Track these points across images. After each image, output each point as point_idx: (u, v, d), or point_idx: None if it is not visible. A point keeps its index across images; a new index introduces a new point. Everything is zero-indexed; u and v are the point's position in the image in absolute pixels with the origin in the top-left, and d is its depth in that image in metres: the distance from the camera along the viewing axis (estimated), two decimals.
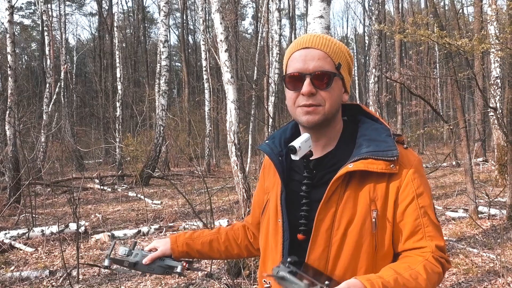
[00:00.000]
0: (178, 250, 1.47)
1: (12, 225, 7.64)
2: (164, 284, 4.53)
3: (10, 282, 4.71)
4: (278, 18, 14.07)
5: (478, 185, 9.77)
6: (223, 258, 1.61)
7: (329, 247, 1.14)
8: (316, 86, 1.15)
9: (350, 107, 1.32)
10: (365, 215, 1.13)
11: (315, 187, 1.19)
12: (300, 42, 1.20)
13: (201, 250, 1.49)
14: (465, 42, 5.54)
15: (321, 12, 4.23)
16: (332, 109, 1.18)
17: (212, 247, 1.50)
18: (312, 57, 1.16)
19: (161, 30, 14.00)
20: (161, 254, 1.44)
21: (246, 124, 18.15)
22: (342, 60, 1.20)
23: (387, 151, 1.15)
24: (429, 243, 1.13)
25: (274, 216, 1.25)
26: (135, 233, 6.71)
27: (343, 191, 1.15)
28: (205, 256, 1.53)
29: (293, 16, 28.23)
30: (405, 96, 27.29)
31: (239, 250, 1.52)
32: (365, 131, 1.23)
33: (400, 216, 1.15)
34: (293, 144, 1.12)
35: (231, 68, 8.01)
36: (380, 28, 5.74)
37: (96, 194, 11.38)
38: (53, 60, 17.60)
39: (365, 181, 1.15)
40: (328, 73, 1.16)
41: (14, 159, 9.65)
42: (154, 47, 37.15)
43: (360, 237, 1.13)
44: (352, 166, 1.13)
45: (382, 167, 1.13)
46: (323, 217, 1.14)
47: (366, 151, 1.15)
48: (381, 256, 1.15)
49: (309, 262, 1.14)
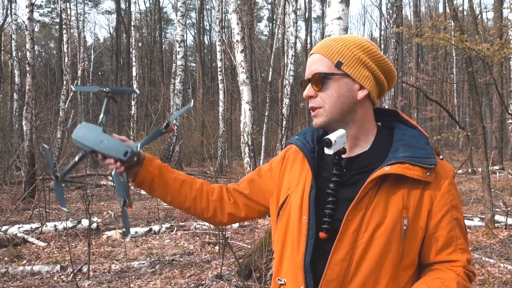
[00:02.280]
0: (146, 171, 1.32)
1: (26, 219, 7.73)
2: (174, 284, 4.52)
3: (21, 276, 4.75)
4: (294, 20, 14.02)
5: (495, 193, 9.56)
6: (184, 207, 1.39)
7: (353, 250, 1.10)
8: (315, 89, 1.19)
9: (388, 113, 1.30)
10: (396, 221, 1.10)
11: (343, 186, 1.17)
12: (312, 49, 1.26)
13: (170, 184, 1.36)
14: (486, 47, 5.42)
15: (340, 13, 4.18)
16: (333, 109, 1.17)
17: (182, 188, 1.38)
18: (312, 61, 1.22)
19: (178, 30, 14.06)
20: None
21: (259, 126, 18.12)
22: (344, 57, 1.17)
23: (426, 158, 1.13)
24: (461, 256, 1.13)
25: (298, 213, 1.20)
26: (146, 231, 6.72)
27: (374, 194, 1.12)
28: (169, 194, 1.36)
29: (309, 18, 28.14)
30: (421, 101, 26.99)
31: (206, 206, 1.40)
32: (402, 136, 1.20)
33: (434, 227, 1.13)
34: (329, 137, 1.10)
35: (246, 69, 8.00)
36: (399, 31, 5.65)
37: (109, 191, 11.46)
38: (71, 58, 17.83)
39: (398, 187, 1.12)
40: (319, 75, 1.17)
41: (30, 154, 9.77)
42: (170, 47, 37.43)
43: (387, 243, 1.09)
44: (388, 169, 1.10)
45: (419, 174, 1.11)
46: (351, 218, 1.11)
47: (403, 156, 1.12)
48: (404, 265, 1.12)
49: (330, 263, 1.10)
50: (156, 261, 5.27)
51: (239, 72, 7.90)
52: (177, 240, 6.41)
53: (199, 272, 4.88)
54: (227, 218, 1.42)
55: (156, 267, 5.05)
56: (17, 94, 14.99)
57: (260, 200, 1.40)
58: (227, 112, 19.36)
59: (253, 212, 1.43)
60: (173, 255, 5.62)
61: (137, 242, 6.28)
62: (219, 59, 18.19)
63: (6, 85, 21.96)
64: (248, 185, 1.42)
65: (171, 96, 16.32)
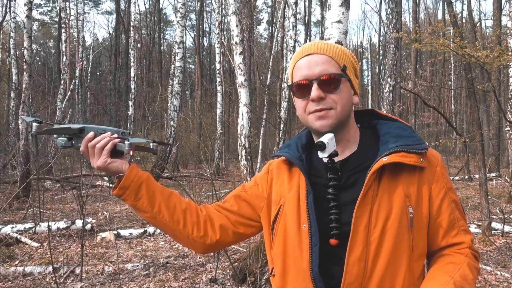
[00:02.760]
0: (134, 174, 1.20)
1: (20, 219, 7.66)
2: (168, 287, 4.46)
3: (13, 277, 4.68)
4: (293, 23, 14.01)
5: (492, 200, 9.54)
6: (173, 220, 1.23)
7: (367, 247, 1.08)
8: (325, 90, 1.14)
9: (363, 113, 1.31)
10: (402, 210, 1.10)
11: (342, 190, 1.15)
12: (303, 50, 1.20)
13: (159, 191, 1.24)
14: (485, 53, 5.41)
15: (340, 17, 4.15)
16: (344, 111, 1.16)
17: (171, 198, 1.26)
18: (316, 62, 1.16)
19: (177, 31, 14.03)
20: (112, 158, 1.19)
21: (257, 129, 18.10)
22: (346, 62, 1.19)
23: (417, 145, 1.14)
24: (465, 237, 1.15)
25: (296, 222, 1.16)
26: (141, 233, 6.66)
27: (377, 187, 1.12)
28: (157, 203, 1.23)
29: (308, 23, 28.18)
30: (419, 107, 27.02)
31: (197, 220, 1.27)
32: (387, 129, 1.21)
33: (437, 212, 1.15)
34: (322, 140, 1.09)
35: (245, 71, 7.96)
36: (399, 36, 5.63)
37: (104, 191, 11.39)
38: (69, 57, 17.77)
39: (396, 176, 1.13)
40: (334, 75, 1.15)
41: (25, 154, 9.70)
42: (169, 48, 37.43)
43: (398, 235, 1.09)
44: (387, 159, 1.11)
45: (415, 160, 1.12)
46: (360, 214, 1.09)
47: (396, 145, 1.13)
48: (416, 256, 1.12)
49: (348, 265, 1.08)
50: (150, 263, 5.21)
51: (238, 74, 7.87)
52: (172, 242, 6.35)
53: (193, 275, 4.82)
54: (219, 234, 1.28)
55: (150, 270, 4.99)
56: (14, 92, 14.91)
57: (250, 216, 1.31)
58: (225, 115, 19.32)
59: (247, 228, 1.32)
60: (167, 257, 5.56)
61: (131, 244, 6.22)
62: (217, 61, 18.18)
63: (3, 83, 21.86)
64: (235, 201, 1.33)
65: (169, 97, 16.27)
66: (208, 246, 1.29)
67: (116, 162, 1.20)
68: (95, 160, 1.18)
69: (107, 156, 1.18)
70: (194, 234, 1.26)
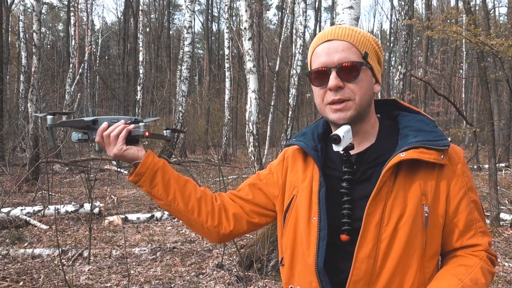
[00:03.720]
0: (150, 161, 1.20)
1: (29, 201, 7.74)
2: (175, 272, 4.50)
3: (22, 259, 4.74)
4: (304, 9, 13.84)
5: (500, 191, 9.46)
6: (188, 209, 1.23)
7: (377, 244, 1.05)
8: (343, 79, 1.08)
9: (384, 103, 1.25)
10: (416, 209, 1.05)
11: (357, 184, 1.11)
12: (322, 35, 1.14)
13: (174, 179, 1.23)
14: (499, 42, 5.29)
15: (351, 2, 4.07)
16: (363, 102, 1.10)
17: (186, 186, 1.25)
18: (335, 49, 1.10)
19: (186, 16, 13.93)
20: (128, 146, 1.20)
21: (265, 115, 18.04)
22: (368, 49, 1.13)
23: (438, 141, 1.08)
24: (482, 240, 1.10)
25: (306, 214, 1.14)
26: (148, 217, 6.71)
27: (392, 183, 1.07)
28: (173, 191, 1.22)
29: (319, 8, 27.83)
30: (429, 95, 26.76)
31: (211, 209, 1.27)
32: (408, 122, 1.15)
33: (454, 212, 1.10)
34: (337, 133, 1.04)
35: (253, 57, 7.90)
36: (411, 22, 5.52)
37: (112, 175, 11.47)
38: (78, 41, 17.75)
39: (414, 173, 1.08)
40: (355, 63, 1.09)
41: (34, 137, 9.77)
42: (178, 33, 37.20)
43: (411, 234, 1.04)
44: (404, 155, 1.05)
45: (434, 157, 1.06)
46: (372, 211, 1.05)
47: (416, 140, 1.08)
48: (429, 256, 1.08)
49: (356, 261, 1.05)
50: (157, 248, 5.25)
51: (246, 60, 7.81)
52: (179, 227, 6.39)
53: (200, 260, 4.85)
54: (233, 223, 1.27)
55: (157, 254, 5.03)
56: (24, 76, 14.95)
57: (265, 205, 1.30)
58: (233, 101, 19.27)
59: (261, 218, 1.31)
60: (174, 242, 5.60)
61: (139, 228, 6.27)
62: (226, 47, 18.05)
63: (13, 66, 21.94)
64: (250, 190, 1.31)
65: (177, 82, 16.22)
66: (222, 235, 1.28)
67: (132, 149, 1.20)
68: (111, 148, 1.19)
69: (123, 143, 1.18)
70: (209, 223, 1.26)
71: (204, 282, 4.21)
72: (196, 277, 4.34)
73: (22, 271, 4.36)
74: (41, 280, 4.14)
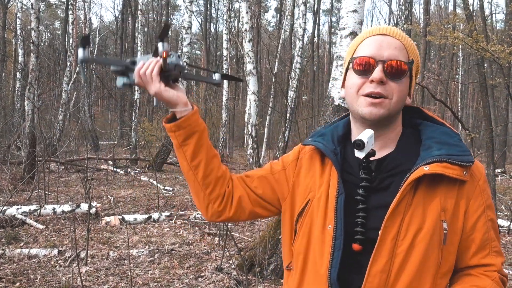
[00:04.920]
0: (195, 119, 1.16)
1: (24, 200, 7.67)
2: (173, 274, 4.46)
3: (18, 259, 4.68)
4: (303, 11, 13.84)
5: (497, 197, 9.49)
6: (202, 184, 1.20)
7: (392, 259, 1.01)
8: (388, 76, 1.05)
9: (407, 110, 1.19)
10: (435, 225, 1.01)
11: (373, 192, 1.07)
12: (376, 29, 1.12)
13: (206, 148, 1.19)
14: (500, 48, 5.31)
15: (356, 6, 4.07)
16: (398, 104, 1.07)
17: (211, 162, 1.20)
18: (388, 44, 1.07)
19: (185, 16, 13.87)
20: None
21: (262, 118, 18.03)
22: (415, 57, 1.12)
23: (463, 156, 1.04)
24: (495, 260, 1.06)
25: (322, 222, 1.10)
26: (146, 218, 6.66)
27: (412, 197, 1.03)
28: (197, 160, 1.18)
29: (317, 11, 27.87)
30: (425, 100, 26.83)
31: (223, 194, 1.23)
32: (432, 133, 1.11)
33: (470, 230, 1.06)
34: (361, 138, 1.00)
35: (253, 59, 7.88)
36: (412, 28, 5.52)
37: (109, 175, 11.40)
38: (76, 39, 17.65)
39: (435, 188, 1.04)
40: (403, 64, 1.06)
41: (31, 135, 9.69)
42: (176, 33, 37.12)
43: (427, 250, 1.01)
44: (428, 169, 1.01)
45: (458, 173, 1.02)
46: (389, 225, 1.01)
47: (440, 154, 1.04)
48: (442, 273, 1.04)
49: (369, 275, 1.01)
50: (155, 249, 5.20)
51: (246, 62, 7.79)
52: (176, 229, 6.35)
53: (198, 263, 4.81)
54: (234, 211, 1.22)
55: (155, 256, 4.98)
56: (20, 73, 14.85)
57: (271, 200, 1.24)
58: (230, 102, 19.23)
59: (264, 211, 1.26)
60: (172, 244, 5.56)
61: (136, 230, 6.22)
62: (225, 48, 18.03)
63: (10, 63, 21.79)
64: (260, 183, 1.24)
65: None
66: (218, 218, 1.24)
67: (171, 92, 1.14)
68: (150, 87, 1.13)
69: (158, 80, 1.12)
70: (215, 205, 1.22)
71: (203, 285, 4.17)
72: (195, 280, 4.30)
73: (19, 271, 4.31)
74: (38, 281, 4.09)
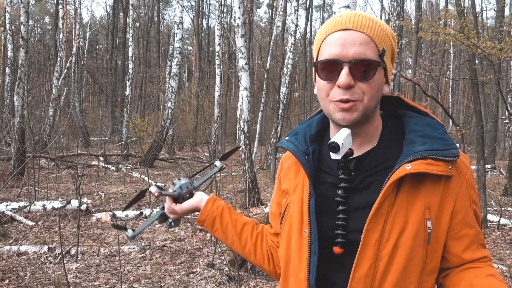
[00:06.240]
0: (209, 209, 1.28)
1: (14, 196, 7.58)
2: (164, 271, 4.43)
3: (7, 256, 4.63)
4: (295, 7, 13.81)
5: (487, 192, 9.58)
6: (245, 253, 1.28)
7: (376, 262, 0.96)
8: (355, 77, 0.95)
9: (388, 100, 1.12)
10: (419, 224, 0.96)
11: (353, 192, 1.01)
12: (338, 22, 0.98)
13: (231, 225, 1.27)
14: (491, 45, 5.33)
15: (348, 1, 4.04)
16: (371, 103, 0.98)
17: (243, 231, 1.28)
18: (352, 41, 0.96)
19: (177, 11, 13.80)
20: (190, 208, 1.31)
21: (254, 113, 18.00)
22: (386, 45, 1.00)
23: (447, 150, 0.97)
24: (486, 252, 1.04)
25: (298, 225, 1.06)
26: (137, 214, 6.62)
27: (394, 197, 0.97)
28: (230, 236, 1.27)
29: (309, 7, 27.82)
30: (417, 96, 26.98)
31: (266, 253, 1.27)
32: (415, 126, 1.04)
33: (458, 225, 1.00)
34: (336, 141, 0.92)
35: (246, 54, 7.84)
36: (404, 24, 5.52)
37: (100, 171, 11.32)
38: (66, 34, 17.44)
39: (419, 185, 0.97)
40: (371, 62, 0.96)
41: (20, 131, 9.57)
42: (168, 28, 36.94)
43: (411, 250, 0.96)
44: (410, 168, 0.94)
45: (442, 169, 0.96)
46: (372, 227, 0.96)
47: (424, 149, 0.97)
48: (428, 270, 0.99)
49: (353, 281, 0.97)
50: (147, 246, 5.18)
51: (239, 57, 7.75)
52: None
53: (190, 259, 4.80)
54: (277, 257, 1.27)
55: (146, 253, 4.96)
56: (9, 68, 14.65)
57: None
58: (222, 98, 19.17)
59: None
60: (163, 240, 5.53)
61: (127, 226, 6.18)
62: (217, 44, 17.93)
63: None
64: (275, 223, 1.27)
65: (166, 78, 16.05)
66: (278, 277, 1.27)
67: (186, 204, 1.29)
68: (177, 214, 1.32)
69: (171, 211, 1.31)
70: (265, 266, 1.28)
71: (194, 281, 4.15)
72: (187, 276, 4.28)
73: (8, 268, 4.26)
74: (27, 278, 4.05)
